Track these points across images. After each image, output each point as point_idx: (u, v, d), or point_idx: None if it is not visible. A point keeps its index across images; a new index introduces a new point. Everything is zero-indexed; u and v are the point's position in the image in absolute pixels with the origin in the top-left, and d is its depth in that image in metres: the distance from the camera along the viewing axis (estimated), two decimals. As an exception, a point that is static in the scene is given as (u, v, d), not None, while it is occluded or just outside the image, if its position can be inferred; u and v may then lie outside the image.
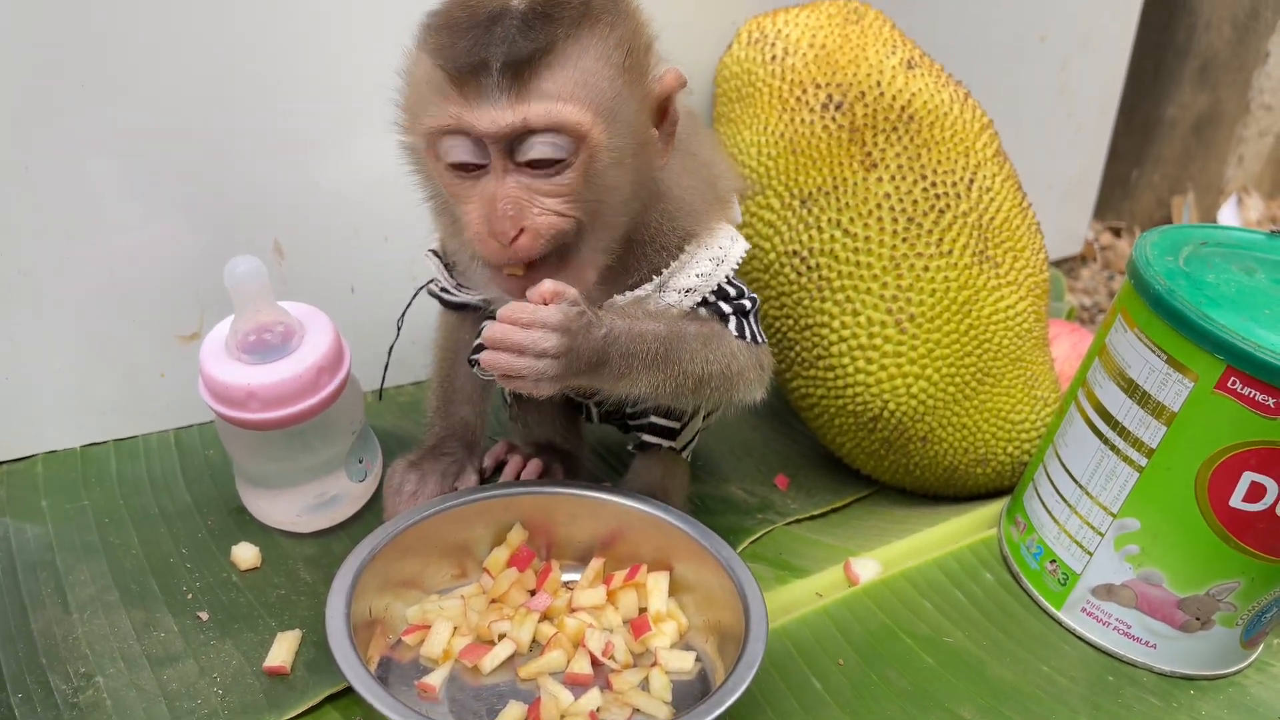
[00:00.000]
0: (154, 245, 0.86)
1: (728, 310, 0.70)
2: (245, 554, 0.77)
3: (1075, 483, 0.77)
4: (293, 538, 0.81)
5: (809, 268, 0.87)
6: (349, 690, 0.65)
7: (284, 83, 0.85)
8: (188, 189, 0.85)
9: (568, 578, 0.75)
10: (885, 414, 0.87)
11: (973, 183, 0.87)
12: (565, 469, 0.87)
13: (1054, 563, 0.79)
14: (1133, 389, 0.71)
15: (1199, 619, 0.73)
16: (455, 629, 0.69)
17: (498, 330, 0.58)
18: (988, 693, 0.71)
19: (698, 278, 0.69)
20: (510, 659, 0.68)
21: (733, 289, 0.71)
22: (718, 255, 0.70)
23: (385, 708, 0.56)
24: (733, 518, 0.88)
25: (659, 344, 0.63)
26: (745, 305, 0.71)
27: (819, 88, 0.89)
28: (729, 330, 0.69)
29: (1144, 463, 0.71)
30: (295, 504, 0.79)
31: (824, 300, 0.87)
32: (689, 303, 0.69)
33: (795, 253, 0.88)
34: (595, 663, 0.68)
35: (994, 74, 1.27)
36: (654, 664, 0.68)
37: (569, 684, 0.66)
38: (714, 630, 0.70)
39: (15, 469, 0.87)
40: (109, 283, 0.85)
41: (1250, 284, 0.71)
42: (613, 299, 0.67)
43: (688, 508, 0.80)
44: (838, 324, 0.86)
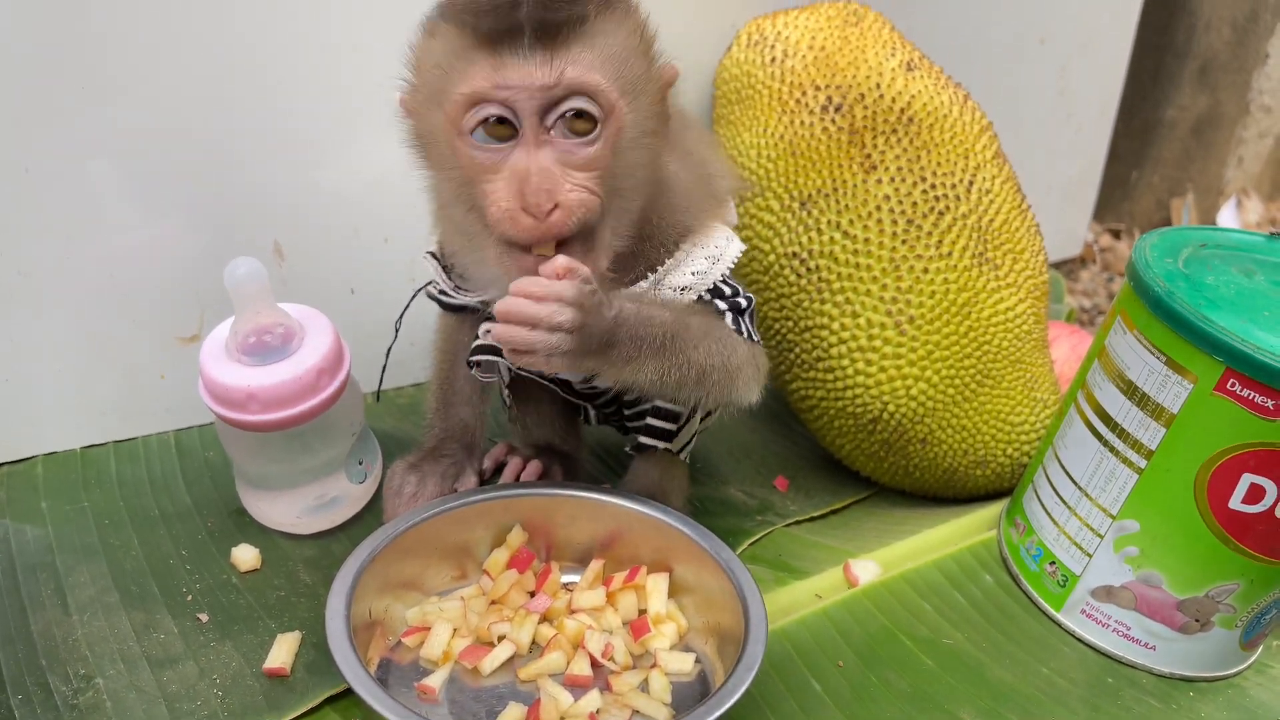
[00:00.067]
0: (154, 246, 0.86)
1: (723, 308, 0.70)
2: (245, 555, 0.77)
3: (1075, 484, 0.77)
4: (292, 539, 0.81)
5: (808, 269, 0.87)
6: (349, 692, 0.65)
7: (284, 83, 0.85)
8: (188, 190, 0.85)
9: (567, 579, 0.75)
10: (885, 416, 0.87)
11: (972, 185, 0.87)
12: (564, 470, 0.87)
13: (1053, 564, 0.79)
14: (1132, 391, 0.71)
15: (1198, 621, 0.73)
16: (455, 630, 0.69)
17: (510, 303, 0.57)
18: (987, 694, 0.71)
19: (693, 275, 0.69)
20: (510, 660, 0.68)
21: (727, 288, 0.71)
22: (713, 254, 0.70)
23: (385, 709, 0.56)
24: (732, 519, 0.88)
25: (665, 330, 0.63)
26: (741, 304, 0.70)
27: (818, 90, 0.89)
28: (727, 324, 0.69)
29: (1143, 464, 0.71)
30: (295, 505, 0.79)
31: (823, 302, 0.87)
32: (684, 300, 0.69)
33: (795, 255, 0.88)
34: (595, 664, 0.68)
35: (993, 76, 1.27)
36: (653, 665, 0.68)
37: (569, 685, 0.66)
38: (713, 632, 0.70)
39: (15, 470, 0.87)
40: (109, 284, 0.85)
41: (1250, 286, 0.71)
42: (616, 291, 0.67)
43: (687, 509, 0.80)
44: (837, 326, 0.86)
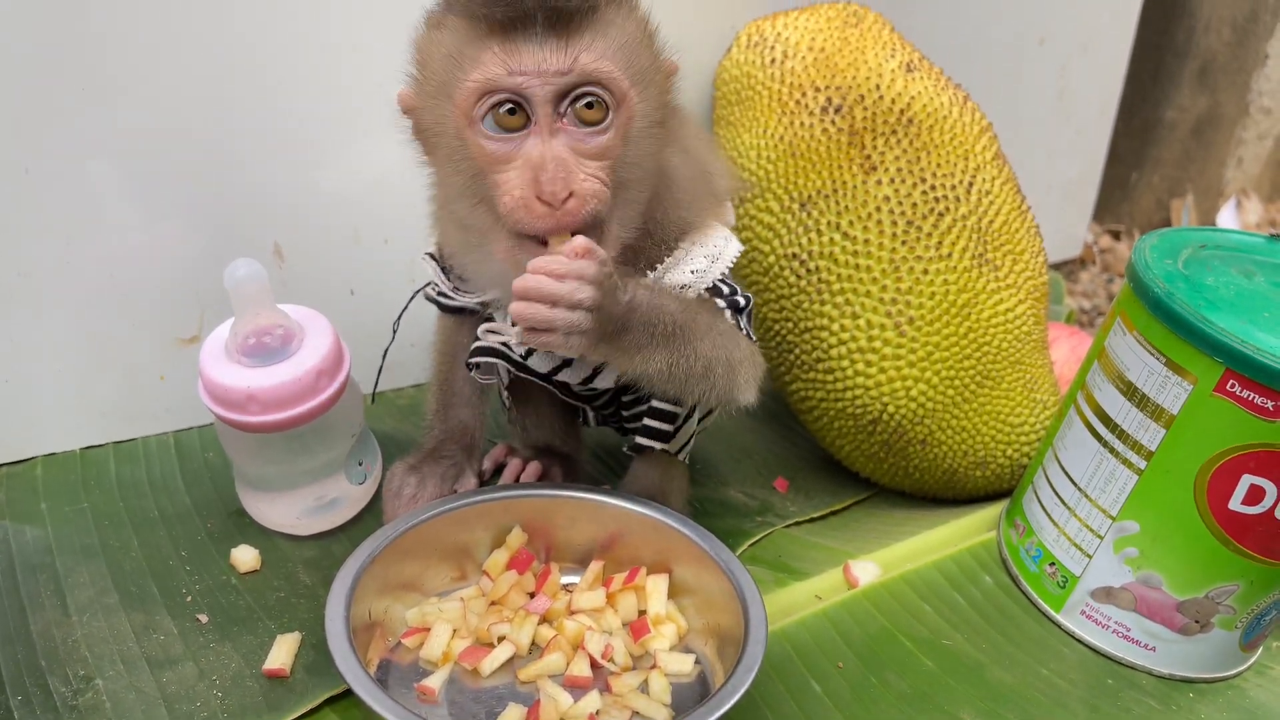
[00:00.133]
0: (154, 247, 0.86)
1: (722, 305, 0.70)
2: (245, 556, 0.77)
3: (1074, 485, 0.77)
4: (292, 540, 0.81)
5: (808, 270, 0.87)
6: (348, 693, 0.65)
7: (284, 84, 0.85)
8: (187, 190, 0.85)
9: (567, 580, 0.75)
10: (884, 417, 0.87)
11: (972, 186, 0.87)
12: (564, 471, 0.87)
13: (1053, 565, 0.79)
14: (1132, 392, 0.71)
15: (1198, 622, 0.73)
16: (455, 631, 0.69)
17: (530, 280, 0.56)
18: (987, 695, 0.71)
19: (692, 274, 0.69)
20: (510, 661, 0.68)
21: (726, 287, 0.71)
22: (713, 252, 0.70)
23: (385, 710, 0.56)
24: (732, 520, 0.88)
25: (674, 320, 0.63)
26: (739, 302, 0.71)
27: (818, 91, 0.89)
28: (729, 319, 0.69)
29: (1143, 465, 0.71)
30: (295, 506, 0.79)
31: (823, 303, 0.87)
32: (690, 294, 0.69)
33: (794, 256, 0.88)
34: (595, 665, 0.68)
35: (993, 77, 1.27)
36: (653, 667, 0.68)
37: (568, 686, 0.66)
38: (713, 633, 0.70)
39: (15, 471, 0.87)
40: (109, 284, 0.85)
41: (1249, 287, 0.71)
42: (629, 278, 0.67)
43: (687, 510, 0.80)
44: (837, 327, 0.86)
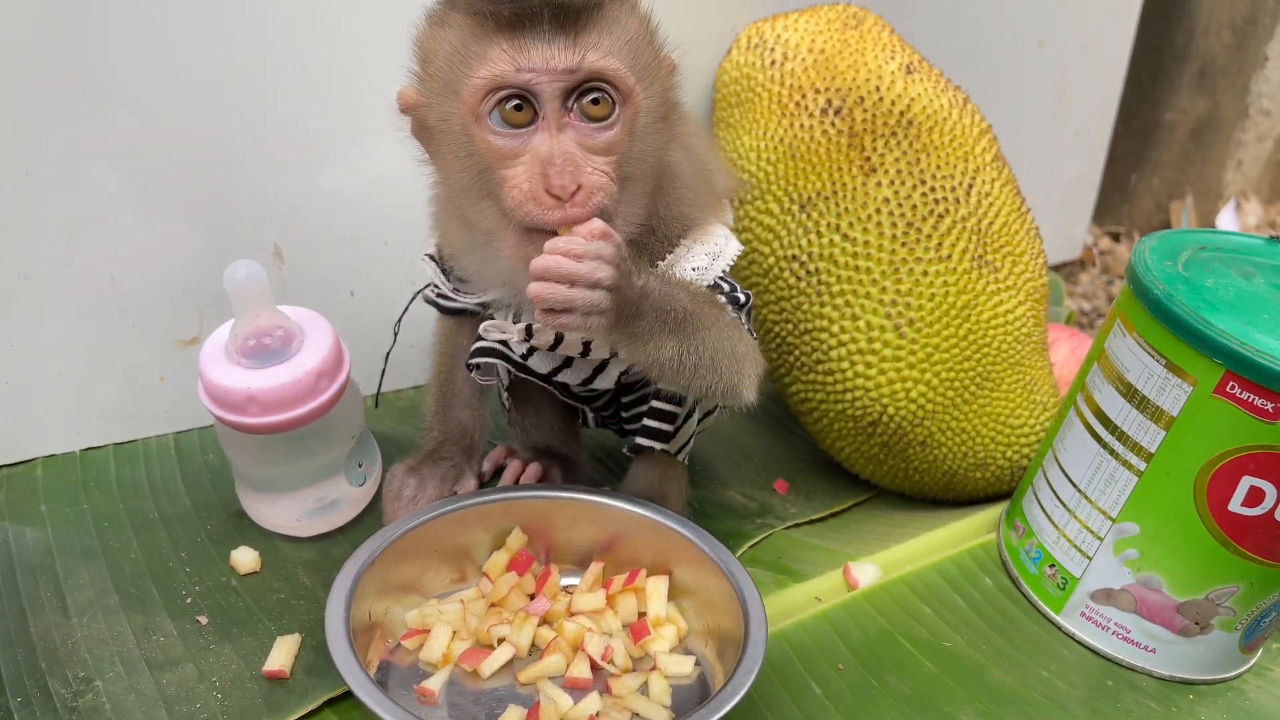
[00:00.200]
0: (154, 249, 0.86)
1: (722, 301, 0.70)
2: (245, 558, 0.77)
3: (1074, 487, 0.77)
4: (292, 542, 0.81)
5: (808, 272, 0.87)
6: (348, 694, 0.65)
7: (284, 86, 0.85)
8: (188, 192, 0.85)
9: (567, 582, 0.75)
10: (884, 418, 0.87)
11: (971, 187, 0.87)
12: (564, 473, 0.87)
13: (1053, 567, 0.79)
14: (1132, 393, 0.71)
15: (1198, 623, 0.73)
16: (454, 633, 0.69)
17: (549, 260, 0.56)
18: (987, 697, 0.71)
19: (693, 271, 0.69)
20: (509, 663, 0.68)
21: (726, 285, 0.71)
22: (713, 251, 0.70)
23: (384, 712, 0.56)
24: (732, 522, 0.88)
25: (685, 308, 0.63)
26: (740, 299, 0.71)
27: (818, 93, 0.89)
28: (731, 313, 0.69)
29: (1143, 467, 0.71)
30: (295, 508, 0.79)
31: (823, 305, 0.87)
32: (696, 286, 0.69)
33: (794, 257, 0.88)
34: (594, 667, 0.68)
35: (993, 79, 1.27)
36: (653, 668, 0.68)
37: (568, 688, 0.66)
38: (713, 635, 0.70)
39: (14, 473, 0.87)
40: (109, 286, 0.85)
41: (1249, 289, 0.71)
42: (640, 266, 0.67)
43: (687, 512, 0.80)
44: (837, 329, 0.86)
